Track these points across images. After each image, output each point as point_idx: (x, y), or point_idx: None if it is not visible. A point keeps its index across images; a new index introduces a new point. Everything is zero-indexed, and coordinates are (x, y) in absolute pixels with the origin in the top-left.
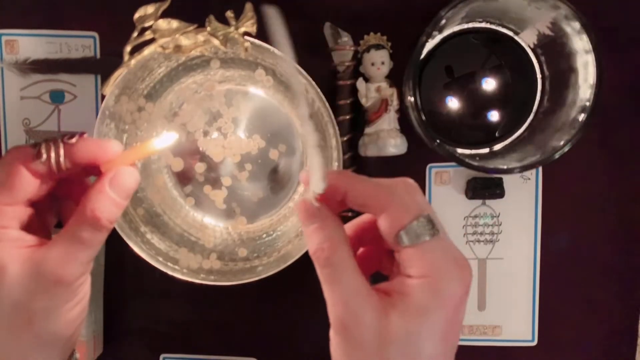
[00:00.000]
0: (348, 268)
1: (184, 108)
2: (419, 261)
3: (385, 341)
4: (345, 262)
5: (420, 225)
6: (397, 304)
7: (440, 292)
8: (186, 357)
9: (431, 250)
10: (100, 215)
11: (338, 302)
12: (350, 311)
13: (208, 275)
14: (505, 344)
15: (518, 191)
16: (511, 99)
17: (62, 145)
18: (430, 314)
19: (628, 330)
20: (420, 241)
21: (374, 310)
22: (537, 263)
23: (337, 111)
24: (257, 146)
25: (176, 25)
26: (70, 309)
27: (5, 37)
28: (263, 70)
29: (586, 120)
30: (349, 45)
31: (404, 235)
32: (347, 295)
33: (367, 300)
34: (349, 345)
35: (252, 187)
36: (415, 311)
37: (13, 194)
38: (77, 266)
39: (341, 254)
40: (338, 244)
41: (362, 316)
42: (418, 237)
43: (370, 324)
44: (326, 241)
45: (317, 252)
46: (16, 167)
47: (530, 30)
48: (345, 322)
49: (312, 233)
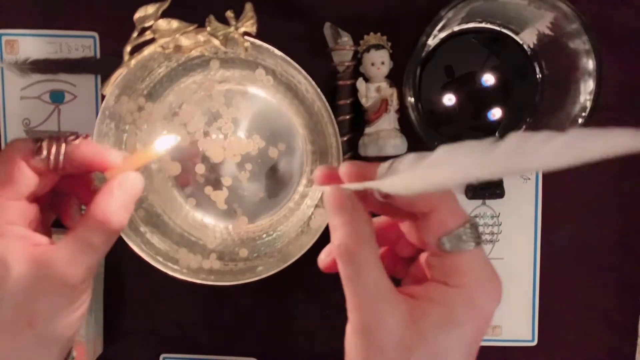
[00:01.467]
0: (374, 267)
1: (183, 108)
2: (457, 270)
3: (408, 349)
4: (371, 260)
5: (467, 232)
6: (428, 312)
7: (475, 305)
8: (186, 357)
9: (471, 260)
10: (112, 219)
11: (361, 303)
12: (373, 313)
13: (208, 275)
14: (505, 344)
15: (518, 191)
16: (511, 99)
17: (64, 145)
18: (462, 326)
19: (628, 330)
20: (463, 249)
21: (400, 314)
22: (537, 263)
23: (337, 111)
24: (257, 146)
25: (176, 25)
26: (72, 311)
27: (5, 37)
28: (263, 70)
29: (586, 120)
30: (349, 45)
31: (446, 240)
32: (371, 296)
33: (393, 304)
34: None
35: (253, 187)
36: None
37: (15, 188)
38: (84, 270)
39: (368, 252)
40: (365, 241)
41: (386, 320)
42: (461, 243)
43: (395, 329)
44: (353, 236)
45: (341, 246)
46: (17, 162)
47: (530, 30)
48: (367, 324)
49: (339, 226)
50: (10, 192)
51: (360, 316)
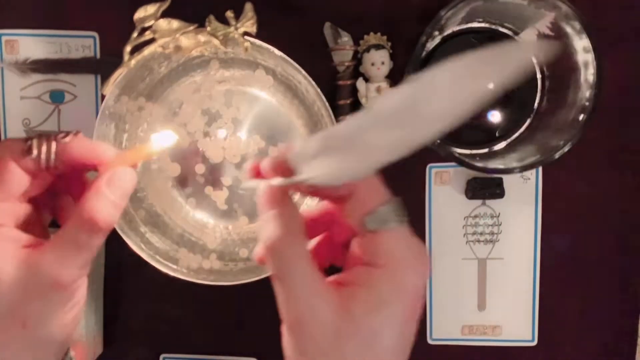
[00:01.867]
0: (302, 262)
1: (183, 108)
2: (381, 249)
3: (343, 336)
4: (298, 255)
5: (388, 210)
6: (357, 295)
7: (400, 283)
8: (186, 357)
9: (395, 238)
10: (98, 217)
11: (291, 298)
12: (304, 308)
13: (208, 275)
14: (505, 344)
15: (518, 191)
16: (511, 99)
17: (54, 143)
18: (391, 305)
19: (628, 330)
20: (386, 227)
21: (331, 305)
22: (537, 263)
23: (337, 111)
24: (257, 146)
25: (176, 25)
26: (65, 312)
27: (5, 37)
28: (263, 70)
29: (586, 120)
30: (349, 45)
31: (369, 220)
32: (300, 291)
33: (323, 296)
34: (303, 342)
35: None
36: (376, 302)
37: (5, 189)
38: (74, 270)
39: (295, 247)
40: (292, 236)
41: (318, 312)
42: (384, 222)
43: (327, 319)
44: (280, 232)
45: (268, 242)
46: (6, 162)
47: (530, 30)
48: (299, 319)
49: (266, 221)
50: (1, 194)
51: (290, 312)
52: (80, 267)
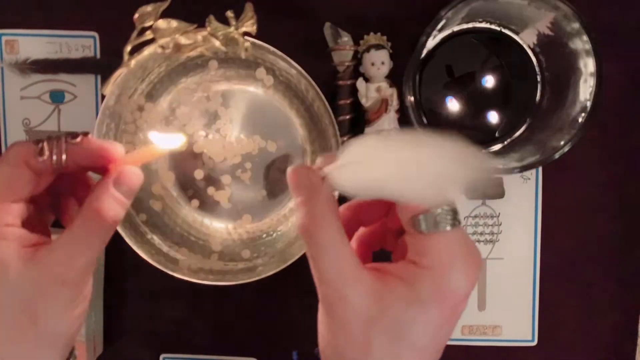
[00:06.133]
0: (335, 244)
1: (183, 109)
2: (428, 251)
3: (372, 324)
4: (331, 237)
5: (443, 213)
6: (395, 290)
7: (441, 287)
8: (186, 357)
9: (445, 242)
10: (106, 215)
11: (322, 280)
12: (335, 290)
13: (208, 275)
14: (505, 344)
15: (518, 191)
16: (511, 99)
17: (65, 144)
18: (426, 306)
19: (628, 330)
20: (438, 230)
21: (363, 289)
22: (537, 263)
23: (337, 111)
24: (257, 146)
25: (176, 25)
26: (73, 308)
27: (5, 37)
28: (263, 70)
29: (586, 120)
30: (349, 45)
31: (422, 220)
32: (333, 272)
33: (356, 280)
34: (334, 323)
35: (253, 187)
36: (413, 300)
37: (17, 191)
38: (81, 266)
39: (328, 230)
40: (325, 218)
41: (349, 296)
42: (437, 225)
43: (358, 304)
44: (311, 215)
45: (301, 226)
46: (18, 165)
47: (530, 30)
48: (330, 300)
49: (299, 205)
50: (10, 195)
51: (323, 291)
52: (87, 264)
